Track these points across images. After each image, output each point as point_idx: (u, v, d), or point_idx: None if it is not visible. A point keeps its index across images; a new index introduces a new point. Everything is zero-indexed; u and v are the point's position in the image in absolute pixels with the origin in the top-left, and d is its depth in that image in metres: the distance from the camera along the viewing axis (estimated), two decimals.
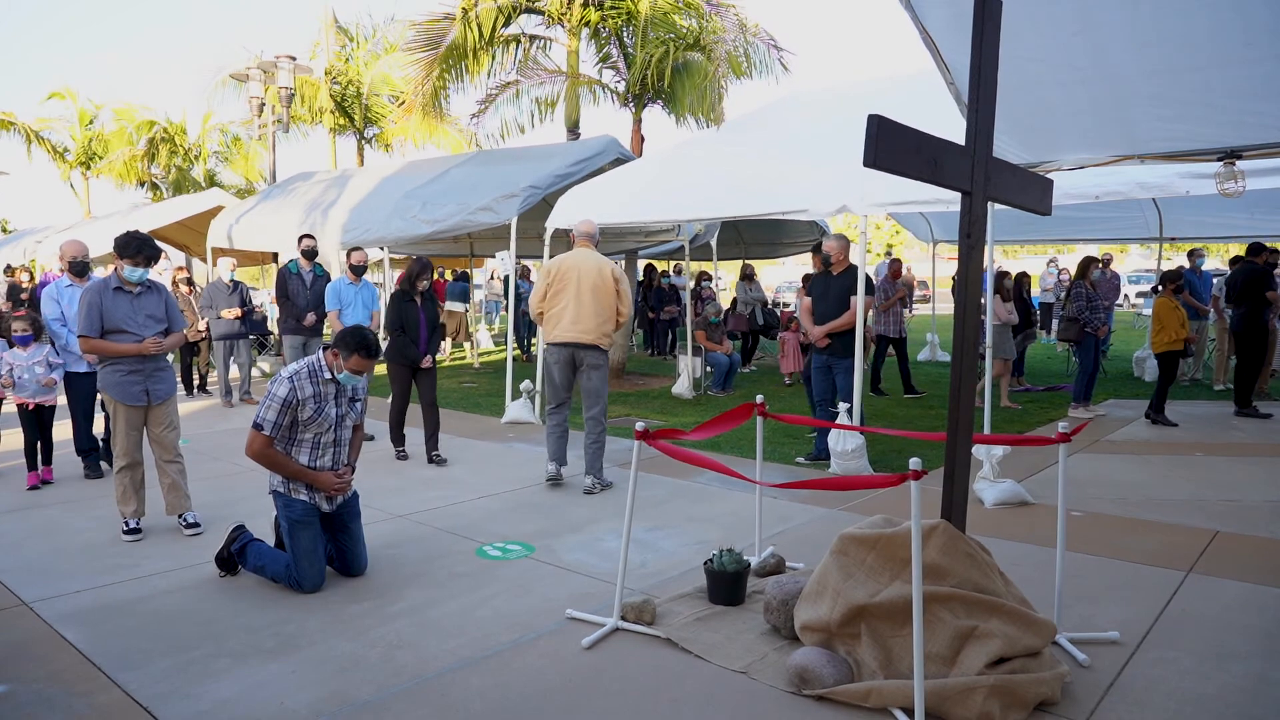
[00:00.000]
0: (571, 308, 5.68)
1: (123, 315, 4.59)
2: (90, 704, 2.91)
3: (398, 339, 6.58)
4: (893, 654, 2.97)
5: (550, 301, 5.78)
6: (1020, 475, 5.73)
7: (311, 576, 3.88)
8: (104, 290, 4.59)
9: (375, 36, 22.66)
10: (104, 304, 4.55)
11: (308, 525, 3.92)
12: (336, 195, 11.40)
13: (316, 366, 3.95)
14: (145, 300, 4.69)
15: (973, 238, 3.02)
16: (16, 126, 27.24)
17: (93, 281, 4.79)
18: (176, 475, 4.82)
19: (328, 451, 4.02)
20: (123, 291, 4.62)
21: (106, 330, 4.56)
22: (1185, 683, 3.02)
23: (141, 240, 4.63)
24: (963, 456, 3.14)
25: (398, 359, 6.61)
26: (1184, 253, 12.19)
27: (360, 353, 3.91)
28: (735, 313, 12.66)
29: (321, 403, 3.93)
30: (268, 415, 3.84)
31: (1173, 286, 8.26)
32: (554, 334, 5.75)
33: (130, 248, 4.57)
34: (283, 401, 3.85)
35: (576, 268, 5.72)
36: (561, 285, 5.73)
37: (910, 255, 37.41)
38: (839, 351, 6.35)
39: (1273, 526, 4.85)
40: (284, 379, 3.89)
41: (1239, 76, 3.54)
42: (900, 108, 3.10)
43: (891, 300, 10.06)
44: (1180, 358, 8.15)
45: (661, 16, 11.46)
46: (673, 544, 4.64)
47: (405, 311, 6.59)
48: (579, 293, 5.68)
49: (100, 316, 4.54)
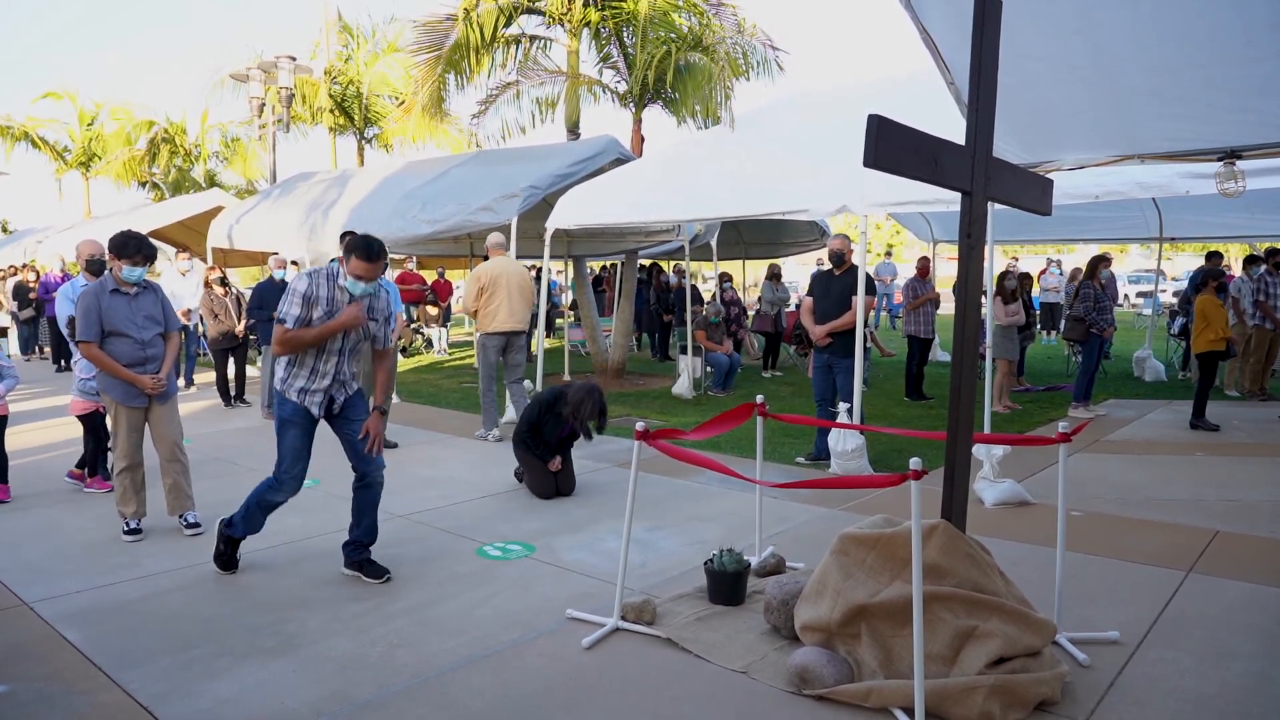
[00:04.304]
0: (505, 305, 7.14)
1: (121, 317, 4.56)
2: (91, 703, 2.91)
3: (526, 435, 5.65)
4: (893, 654, 2.97)
5: (485, 301, 7.16)
6: (1020, 475, 5.73)
7: (290, 475, 3.93)
8: (101, 292, 4.55)
9: (375, 36, 22.68)
10: (102, 306, 4.52)
11: (293, 425, 3.94)
12: (336, 195, 11.40)
13: (333, 271, 3.94)
14: (142, 300, 4.68)
15: (973, 238, 3.02)
16: (14, 128, 27.26)
17: (88, 285, 4.75)
18: (178, 475, 4.82)
19: (331, 359, 3.96)
20: (120, 293, 4.60)
21: (106, 332, 4.54)
22: (1185, 682, 3.02)
23: (139, 240, 4.60)
24: (963, 456, 3.14)
25: (527, 451, 5.64)
26: (1184, 253, 12.17)
27: (357, 254, 3.81)
28: (760, 313, 12.52)
29: (332, 307, 3.90)
30: (291, 310, 3.83)
31: (1216, 284, 7.97)
32: (493, 325, 7.18)
33: (129, 247, 4.53)
34: (302, 296, 3.84)
35: (504, 273, 7.20)
36: (494, 288, 7.14)
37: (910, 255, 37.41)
38: (840, 351, 6.36)
39: (1273, 526, 4.85)
40: (304, 275, 3.91)
41: (1239, 75, 3.54)
42: (900, 108, 3.10)
43: (921, 299, 9.70)
44: (1220, 359, 7.89)
45: (661, 16, 11.46)
46: (673, 544, 4.64)
47: (548, 424, 5.60)
48: (509, 293, 7.14)
49: (99, 319, 4.51)
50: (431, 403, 9.66)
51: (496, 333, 7.17)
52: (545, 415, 5.57)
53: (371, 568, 4.10)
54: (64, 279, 12.21)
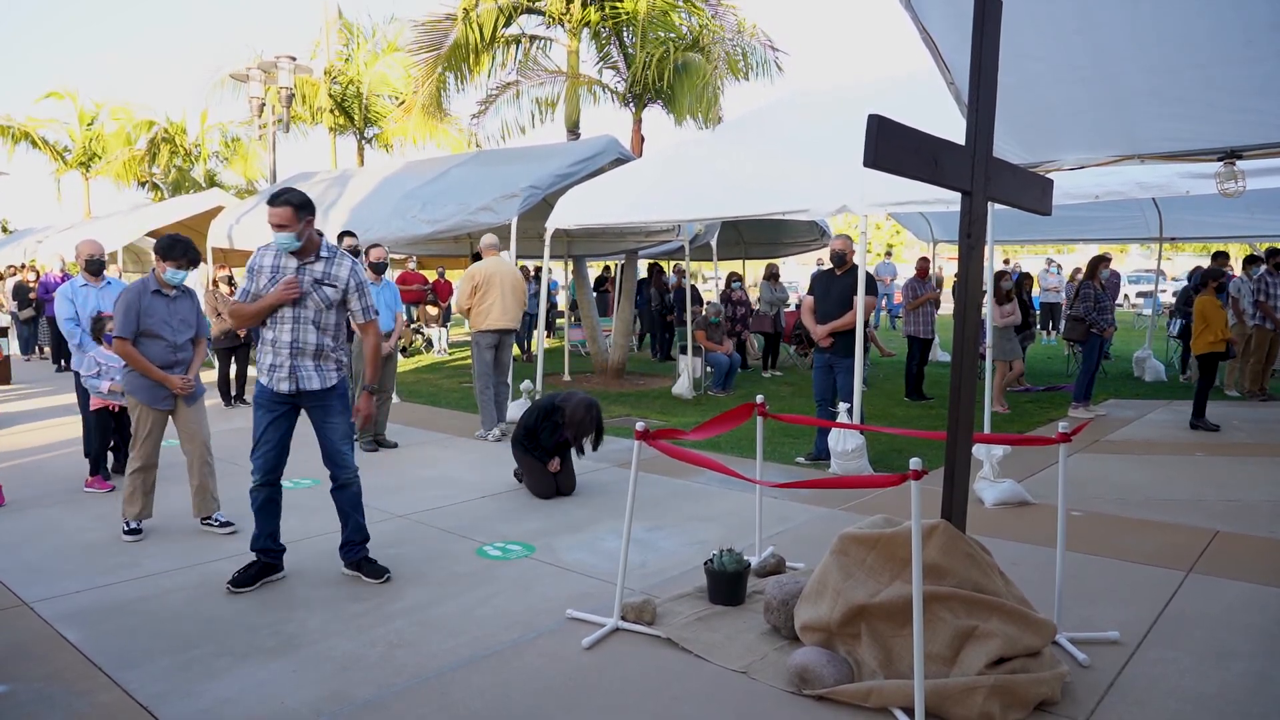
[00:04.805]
0: (499, 303, 7.32)
1: (159, 319, 4.63)
2: (91, 703, 2.91)
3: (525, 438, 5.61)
4: (893, 654, 2.97)
5: (479, 300, 7.33)
6: (1020, 475, 5.73)
7: (256, 456, 3.97)
8: (143, 292, 4.62)
9: (375, 36, 22.69)
10: (141, 306, 4.58)
11: (261, 406, 3.99)
12: (337, 195, 11.40)
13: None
14: (180, 304, 4.75)
15: (973, 238, 3.02)
16: (14, 128, 27.27)
17: (131, 283, 4.81)
18: (206, 477, 4.82)
19: (284, 327, 3.89)
20: (160, 294, 4.66)
21: (141, 332, 4.59)
22: (1185, 682, 3.02)
23: (185, 243, 4.68)
24: (963, 456, 3.14)
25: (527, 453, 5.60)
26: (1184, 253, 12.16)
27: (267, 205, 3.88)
28: (759, 313, 12.52)
29: (276, 275, 3.89)
30: (245, 285, 3.95)
31: (1216, 284, 7.96)
32: (486, 324, 7.35)
33: (174, 250, 4.62)
34: (248, 269, 3.94)
35: (498, 273, 7.40)
36: (488, 287, 7.33)
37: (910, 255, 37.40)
38: (842, 351, 6.35)
39: (1273, 526, 4.85)
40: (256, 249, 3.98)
41: (1239, 75, 3.54)
42: (900, 108, 3.10)
43: (921, 299, 9.72)
44: (1220, 359, 7.88)
45: (660, 16, 11.47)
46: (673, 544, 4.64)
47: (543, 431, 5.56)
48: (503, 292, 7.33)
49: (137, 319, 4.57)
50: (431, 403, 9.66)
51: (490, 330, 7.37)
52: (542, 423, 5.57)
53: (371, 567, 4.09)
54: (64, 279, 12.20)
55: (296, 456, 4.30)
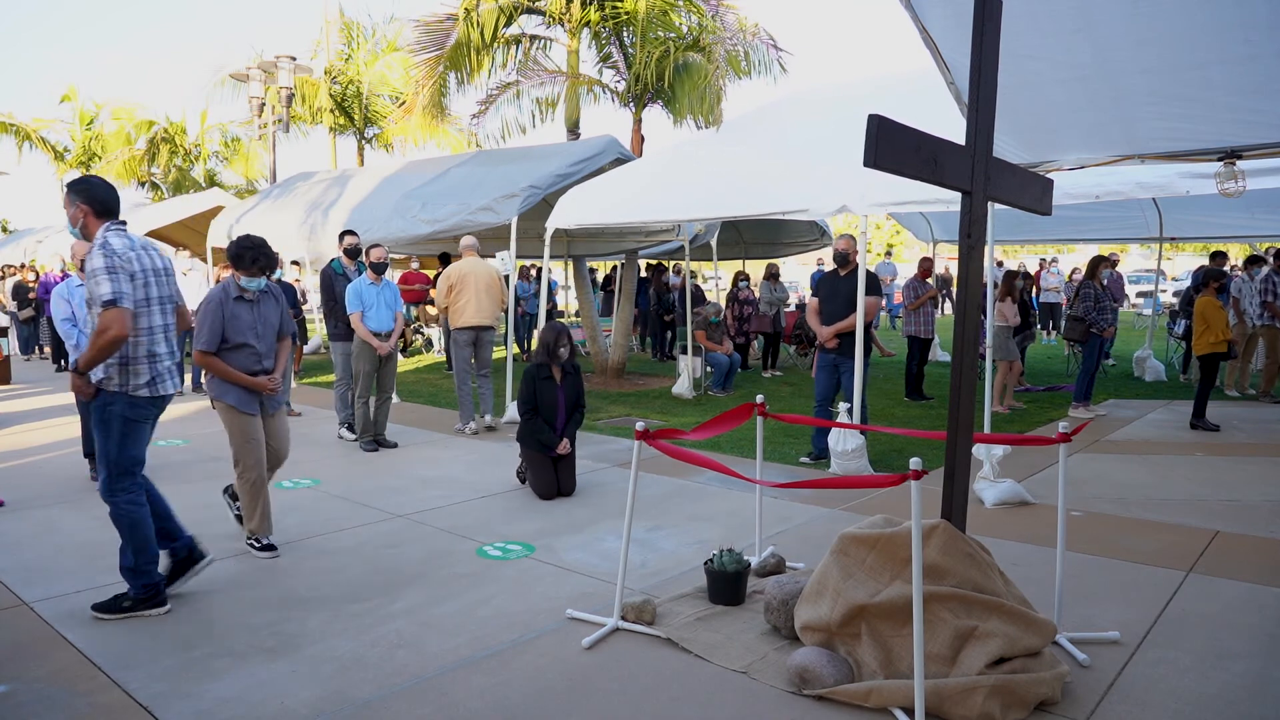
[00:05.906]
0: (473, 301, 7.68)
1: (245, 325, 4.36)
2: (91, 703, 2.91)
3: (529, 421, 5.68)
4: (893, 654, 2.97)
5: (455, 298, 7.75)
6: (1020, 475, 5.73)
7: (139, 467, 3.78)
8: (225, 300, 4.34)
9: (375, 36, 22.67)
10: (226, 314, 4.31)
11: None
12: (337, 195, 11.40)
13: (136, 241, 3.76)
14: (265, 307, 4.48)
15: (973, 238, 3.02)
16: (15, 127, 27.26)
17: (212, 291, 4.52)
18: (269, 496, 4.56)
19: None
20: (243, 300, 4.40)
21: (228, 341, 4.32)
22: (1186, 682, 3.02)
23: (255, 249, 4.37)
24: (963, 456, 3.14)
25: (532, 445, 5.65)
26: (1184, 253, 12.17)
27: None
28: (759, 313, 12.52)
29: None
30: None
31: (1217, 285, 7.93)
32: (461, 321, 7.74)
33: (244, 260, 4.34)
34: None
35: (472, 273, 7.77)
36: (462, 286, 7.71)
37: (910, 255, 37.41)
38: (847, 352, 6.34)
39: (1273, 526, 4.85)
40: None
41: (1239, 74, 3.54)
42: (900, 108, 3.10)
43: (921, 299, 9.71)
44: (1221, 359, 7.85)
45: (660, 15, 11.46)
46: (673, 544, 4.64)
47: (541, 390, 5.69)
48: (477, 291, 7.70)
49: (221, 331, 4.30)
50: (431, 403, 9.66)
51: (465, 327, 7.73)
52: (534, 384, 5.69)
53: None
54: (63, 279, 12.20)
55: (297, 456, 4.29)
